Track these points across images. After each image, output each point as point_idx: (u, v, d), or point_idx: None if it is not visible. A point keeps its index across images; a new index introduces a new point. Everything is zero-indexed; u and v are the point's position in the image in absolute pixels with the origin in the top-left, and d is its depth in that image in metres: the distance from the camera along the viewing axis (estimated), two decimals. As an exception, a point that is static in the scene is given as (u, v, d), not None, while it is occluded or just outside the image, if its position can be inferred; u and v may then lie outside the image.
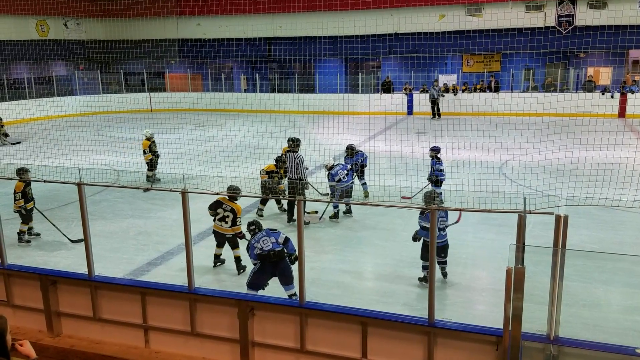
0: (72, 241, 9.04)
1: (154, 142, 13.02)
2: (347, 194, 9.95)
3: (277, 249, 6.48)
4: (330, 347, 5.58)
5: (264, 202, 10.40)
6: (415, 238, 7.41)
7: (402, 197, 9.53)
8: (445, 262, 7.56)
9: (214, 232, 8.03)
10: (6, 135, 19.24)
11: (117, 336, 6.36)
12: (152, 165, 12.93)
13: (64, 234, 9.14)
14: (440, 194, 10.92)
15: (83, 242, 6.34)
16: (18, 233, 9.19)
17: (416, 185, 10.75)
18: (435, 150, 10.82)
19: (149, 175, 12.92)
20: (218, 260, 8.10)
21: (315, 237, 9.27)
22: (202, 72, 29.89)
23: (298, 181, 9.67)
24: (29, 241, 9.23)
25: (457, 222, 7.54)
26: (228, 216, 7.83)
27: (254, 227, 6.87)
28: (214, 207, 7.90)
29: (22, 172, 8.88)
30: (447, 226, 7.49)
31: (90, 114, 25.36)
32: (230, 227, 7.79)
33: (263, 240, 6.55)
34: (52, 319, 6.51)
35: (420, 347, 5.25)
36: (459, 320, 5.30)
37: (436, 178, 10.71)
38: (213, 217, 7.94)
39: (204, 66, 29.76)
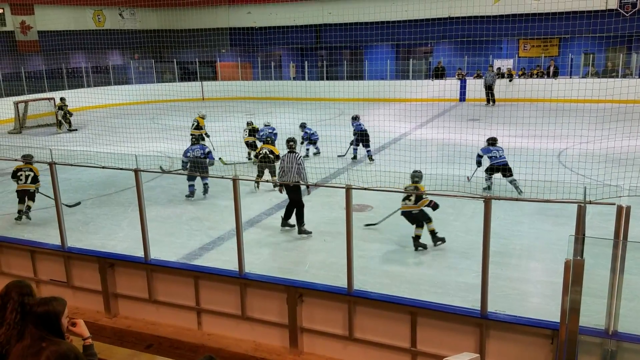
0: (68, 206, 9.78)
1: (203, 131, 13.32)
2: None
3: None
4: (378, 336, 5.56)
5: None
6: (478, 163, 10.79)
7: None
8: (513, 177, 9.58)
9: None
10: (70, 123, 19.89)
11: (171, 318, 6.54)
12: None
13: (64, 204, 8.46)
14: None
15: (139, 226, 6.49)
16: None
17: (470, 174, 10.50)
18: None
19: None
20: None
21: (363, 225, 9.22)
22: (252, 60, 30.15)
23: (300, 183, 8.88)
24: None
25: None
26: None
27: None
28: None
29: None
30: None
31: (145, 103, 26.05)
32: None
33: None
34: (110, 300, 6.77)
35: (472, 339, 5.15)
36: (512, 313, 5.17)
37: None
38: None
39: (253, 54, 30.01)
